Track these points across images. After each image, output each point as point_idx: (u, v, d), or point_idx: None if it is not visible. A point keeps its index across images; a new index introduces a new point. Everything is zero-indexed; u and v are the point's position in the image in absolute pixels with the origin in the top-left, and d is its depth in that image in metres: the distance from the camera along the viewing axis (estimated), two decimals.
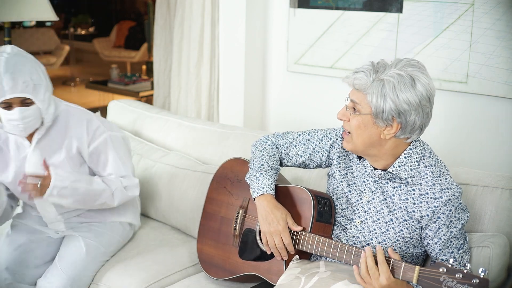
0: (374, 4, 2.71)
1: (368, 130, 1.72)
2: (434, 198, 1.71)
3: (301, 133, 2.03)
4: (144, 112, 3.02)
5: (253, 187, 1.92)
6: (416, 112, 1.66)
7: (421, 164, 1.75)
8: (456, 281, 1.47)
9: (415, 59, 1.74)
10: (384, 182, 1.80)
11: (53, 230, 2.33)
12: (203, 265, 2.20)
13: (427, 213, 1.72)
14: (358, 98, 1.71)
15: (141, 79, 6.35)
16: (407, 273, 1.57)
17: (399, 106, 1.65)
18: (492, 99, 2.44)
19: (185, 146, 2.77)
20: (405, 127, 1.69)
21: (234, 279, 2.10)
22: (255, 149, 2.05)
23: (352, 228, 1.84)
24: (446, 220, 1.71)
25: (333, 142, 1.95)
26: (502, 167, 2.40)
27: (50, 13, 3.42)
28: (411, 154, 1.75)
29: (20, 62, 2.02)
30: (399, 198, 1.76)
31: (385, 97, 1.65)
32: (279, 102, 3.23)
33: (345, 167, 1.91)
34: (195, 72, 3.42)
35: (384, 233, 1.78)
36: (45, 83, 2.09)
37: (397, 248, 1.78)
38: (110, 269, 2.28)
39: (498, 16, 2.36)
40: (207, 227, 2.21)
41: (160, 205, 2.60)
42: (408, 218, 1.75)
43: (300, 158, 2.00)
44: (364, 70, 1.70)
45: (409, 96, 1.64)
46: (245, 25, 3.11)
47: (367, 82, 1.68)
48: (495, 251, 1.82)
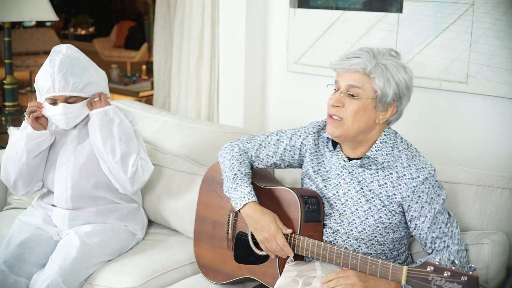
0: (374, 4, 2.71)
1: (366, 114, 1.75)
2: (412, 178, 1.75)
3: (269, 135, 2.04)
4: (143, 113, 3.01)
5: (234, 199, 1.92)
6: (408, 97, 1.79)
7: (395, 149, 1.81)
8: (445, 279, 1.46)
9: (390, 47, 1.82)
10: (359, 171, 1.82)
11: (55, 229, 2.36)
12: (202, 270, 2.20)
13: (407, 194, 1.75)
14: (360, 82, 1.73)
15: (141, 79, 6.35)
16: (395, 273, 1.58)
17: (401, 89, 1.74)
18: (492, 99, 2.44)
19: (185, 146, 2.76)
20: (399, 111, 1.78)
21: (233, 282, 2.10)
22: (223, 159, 2.03)
23: (331, 222, 1.85)
24: (427, 197, 1.75)
25: (303, 140, 1.96)
26: (502, 167, 2.40)
27: (50, 13, 3.42)
28: (385, 140, 1.81)
29: (74, 63, 2.22)
30: (378, 184, 1.79)
31: (390, 81, 1.72)
32: (279, 102, 3.23)
33: (317, 163, 1.92)
34: (195, 72, 3.42)
35: (364, 222, 1.80)
36: (96, 82, 2.29)
37: (377, 234, 1.80)
38: (106, 269, 2.27)
39: (498, 16, 2.35)
40: (201, 231, 2.20)
41: (158, 207, 2.60)
42: (387, 203, 1.77)
43: (271, 158, 2.00)
44: (361, 56, 1.75)
45: (407, 79, 1.76)
46: (245, 25, 3.11)
47: (371, 66, 1.72)
48: (494, 249, 1.82)
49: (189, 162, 2.63)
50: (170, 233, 2.59)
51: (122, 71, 7.68)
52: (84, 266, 2.22)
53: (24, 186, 2.39)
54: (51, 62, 2.21)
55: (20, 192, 2.42)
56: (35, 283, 2.17)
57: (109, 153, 2.28)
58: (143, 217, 2.56)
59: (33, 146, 2.30)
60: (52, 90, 2.20)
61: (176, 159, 2.66)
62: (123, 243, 2.39)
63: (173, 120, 2.90)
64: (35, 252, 2.28)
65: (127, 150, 2.30)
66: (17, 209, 2.77)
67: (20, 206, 2.80)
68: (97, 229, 2.33)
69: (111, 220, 2.41)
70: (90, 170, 2.34)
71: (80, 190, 2.35)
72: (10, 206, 2.84)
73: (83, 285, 2.25)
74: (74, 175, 2.34)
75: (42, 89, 2.24)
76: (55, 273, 2.14)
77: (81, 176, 2.34)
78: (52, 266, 2.18)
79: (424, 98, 2.61)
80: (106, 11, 11.85)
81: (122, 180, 2.31)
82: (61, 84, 2.18)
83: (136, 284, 2.18)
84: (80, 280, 2.22)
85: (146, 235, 2.56)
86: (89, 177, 2.35)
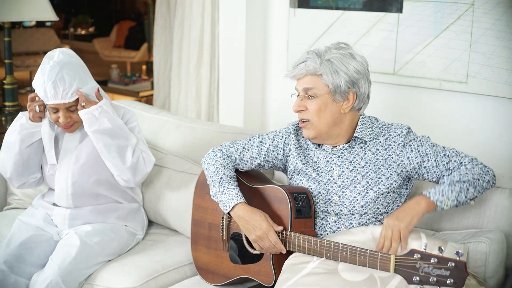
0: (374, 4, 2.71)
1: (328, 109, 1.88)
2: (397, 135, 1.91)
3: (251, 138, 2.10)
4: (144, 113, 3.01)
5: (222, 202, 1.96)
6: (364, 80, 1.89)
7: (375, 128, 1.95)
8: (432, 266, 1.47)
9: (338, 41, 1.95)
10: (348, 152, 1.92)
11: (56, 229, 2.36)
12: (200, 272, 2.20)
13: (400, 150, 1.89)
14: (311, 83, 1.88)
15: (141, 79, 6.35)
16: (384, 263, 1.61)
17: (351, 76, 1.86)
18: (492, 99, 2.44)
19: (185, 146, 2.76)
20: (359, 96, 1.89)
21: (230, 283, 2.11)
22: (207, 165, 2.08)
23: (332, 206, 1.90)
24: (418, 142, 1.90)
25: (285, 139, 2.04)
26: (502, 167, 2.40)
27: (50, 13, 3.41)
28: (364, 121, 1.95)
29: (64, 70, 2.21)
30: (371, 153, 1.90)
31: (337, 72, 1.85)
32: (279, 102, 3.23)
33: (304, 156, 1.99)
34: (195, 72, 3.42)
35: (365, 197, 1.87)
36: (89, 86, 2.28)
37: (379, 205, 1.87)
38: (105, 269, 2.27)
39: (498, 16, 2.36)
40: (197, 234, 2.21)
41: (158, 207, 2.60)
42: (384, 168, 1.87)
43: (255, 160, 2.06)
44: (307, 59, 1.89)
45: (355, 65, 1.87)
46: (245, 25, 3.11)
47: (316, 65, 1.86)
48: (492, 247, 1.83)
49: (189, 162, 2.63)
50: (170, 233, 2.59)
51: (122, 71, 7.68)
52: (84, 266, 2.23)
53: (18, 177, 2.39)
54: (42, 70, 2.23)
55: (15, 183, 2.42)
56: (34, 283, 2.17)
57: (103, 149, 2.28)
58: (143, 217, 2.56)
59: (25, 135, 2.30)
60: (46, 98, 2.22)
61: (176, 159, 2.66)
62: (123, 243, 2.39)
63: (173, 120, 2.90)
64: (36, 253, 2.28)
65: (121, 143, 2.29)
66: (17, 209, 2.77)
67: (20, 206, 2.80)
68: (97, 229, 2.33)
69: (112, 219, 2.41)
70: (92, 168, 2.35)
71: (81, 188, 2.36)
72: (10, 206, 2.84)
73: (83, 285, 2.25)
74: (75, 172, 2.34)
75: (39, 96, 2.27)
76: (54, 273, 2.14)
77: (82, 173, 2.34)
78: (51, 266, 2.18)
79: (424, 98, 2.61)
80: (106, 11, 11.86)
81: (122, 170, 2.30)
82: (51, 93, 2.20)
83: (136, 284, 2.18)
84: (80, 280, 2.22)
85: (146, 235, 2.57)
86: (91, 175, 2.35)
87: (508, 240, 1.91)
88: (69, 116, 2.27)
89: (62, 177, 2.36)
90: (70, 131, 2.33)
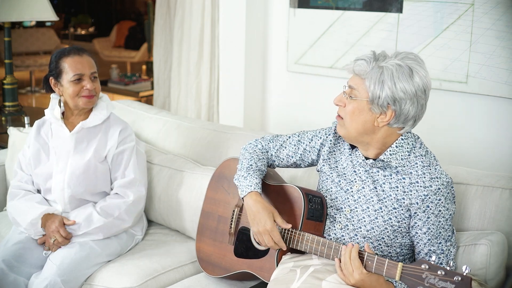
0: (374, 4, 2.71)
1: (362, 115, 1.77)
2: (424, 186, 1.74)
3: (291, 135, 2.07)
4: (143, 113, 3.01)
5: (241, 186, 1.95)
6: (411, 102, 1.71)
7: (411, 154, 1.79)
8: (438, 278, 1.47)
9: (414, 52, 1.79)
10: (375, 171, 1.83)
11: None
12: (200, 263, 2.21)
13: (416, 201, 1.75)
14: (356, 83, 1.77)
15: (141, 79, 6.35)
16: (390, 270, 1.59)
17: (395, 93, 1.69)
18: (492, 99, 2.44)
19: (185, 146, 2.76)
20: (399, 115, 1.73)
21: (230, 277, 2.12)
22: (245, 151, 2.08)
23: (341, 217, 1.87)
24: (435, 209, 1.74)
25: (323, 141, 1.99)
26: (502, 167, 2.40)
27: (50, 13, 3.42)
28: (402, 144, 1.79)
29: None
30: (390, 186, 1.79)
31: (383, 84, 1.71)
32: (279, 102, 3.23)
33: (335, 161, 1.95)
34: (195, 72, 3.42)
35: (373, 221, 1.80)
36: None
37: (385, 236, 1.80)
38: (105, 269, 2.27)
39: (498, 16, 2.36)
40: (205, 225, 2.23)
41: (158, 207, 2.60)
42: (397, 206, 1.77)
43: (291, 159, 2.05)
44: (365, 58, 1.76)
45: (406, 85, 1.70)
46: (245, 25, 3.11)
47: (367, 68, 1.74)
48: (493, 249, 1.82)
49: (189, 162, 2.63)
50: (170, 233, 2.59)
51: (122, 71, 7.68)
52: (83, 267, 2.22)
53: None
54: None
55: None
56: (32, 283, 2.17)
57: (120, 229, 2.37)
58: (143, 218, 2.56)
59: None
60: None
61: (176, 159, 2.66)
62: (123, 244, 2.39)
63: (173, 120, 2.90)
64: (35, 253, 2.28)
65: (118, 223, 2.35)
66: None
67: None
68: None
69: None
70: (88, 179, 2.34)
71: (78, 196, 2.35)
72: None
73: (83, 286, 2.24)
74: (71, 183, 2.32)
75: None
76: (53, 274, 2.13)
77: (78, 184, 2.33)
78: (50, 266, 2.17)
79: None
80: (106, 11, 11.86)
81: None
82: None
83: (135, 284, 2.18)
84: (79, 280, 2.21)
85: (146, 235, 2.56)
86: (88, 185, 2.34)
87: (509, 241, 1.90)
88: (94, 83, 2.31)
89: (58, 188, 2.34)
90: (91, 102, 2.32)
